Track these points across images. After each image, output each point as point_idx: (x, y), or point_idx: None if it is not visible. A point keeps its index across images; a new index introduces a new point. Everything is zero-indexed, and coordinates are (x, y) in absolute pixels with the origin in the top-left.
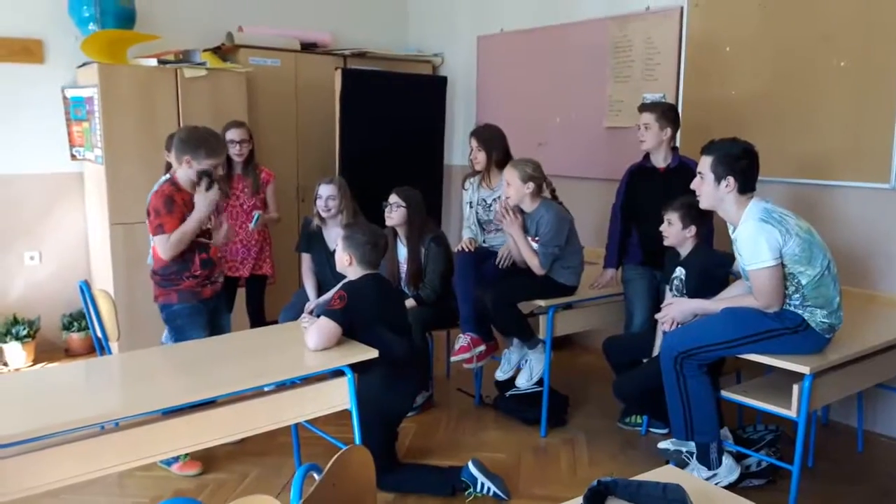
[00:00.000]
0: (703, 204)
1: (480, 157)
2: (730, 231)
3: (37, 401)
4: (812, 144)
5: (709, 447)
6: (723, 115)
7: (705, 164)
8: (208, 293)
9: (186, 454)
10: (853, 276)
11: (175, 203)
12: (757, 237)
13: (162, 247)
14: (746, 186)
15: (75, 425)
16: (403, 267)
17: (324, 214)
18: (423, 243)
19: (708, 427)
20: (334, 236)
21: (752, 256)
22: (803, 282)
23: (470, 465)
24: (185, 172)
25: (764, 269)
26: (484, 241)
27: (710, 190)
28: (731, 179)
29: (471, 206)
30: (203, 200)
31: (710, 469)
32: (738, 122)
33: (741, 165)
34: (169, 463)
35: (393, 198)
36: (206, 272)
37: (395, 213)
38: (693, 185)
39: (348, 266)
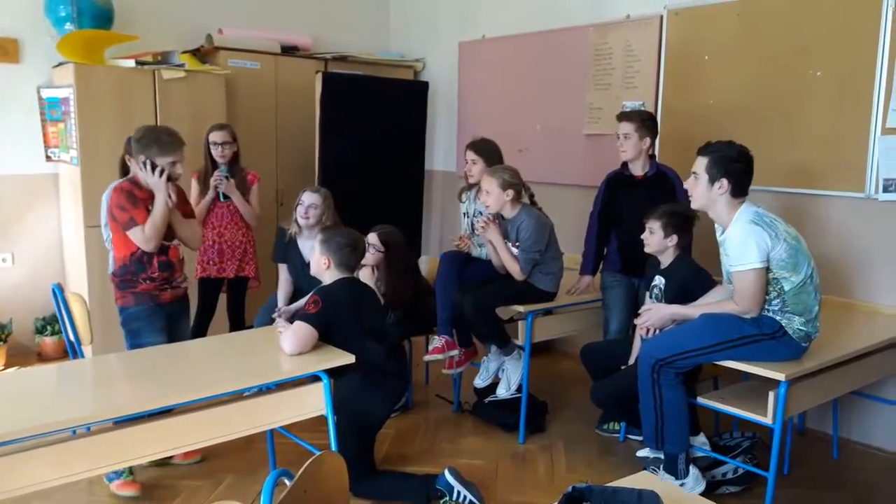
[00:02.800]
0: (695, 204)
1: (476, 170)
2: (717, 234)
3: (8, 405)
4: (789, 153)
5: (677, 457)
6: (701, 124)
7: (700, 164)
8: (167, 297)
9: (130, 472)
10: (829, 284)
11: (137, 197)
12: (746, 239)
13: (140, 239)
14: (739, 190)
15: (46, 429)
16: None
17: (301, 222)
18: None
19: (678, 437)
20: (310, 246)
21: (739, 257)
22: (786, 288)
23: (446, 473)
24: (143, 173)
25: (750, 270)
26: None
27: (703, 191)
28: (724, 181)
29: (466, 217)
30: (154, 183)
31: (677, 479)
32: (716, 131)
33: (736, 168)
34: (111, 479)
35: (372, 238)
36: (164, 275)
37: (370, 255)
38: (686, 185)
39: (325, 270)
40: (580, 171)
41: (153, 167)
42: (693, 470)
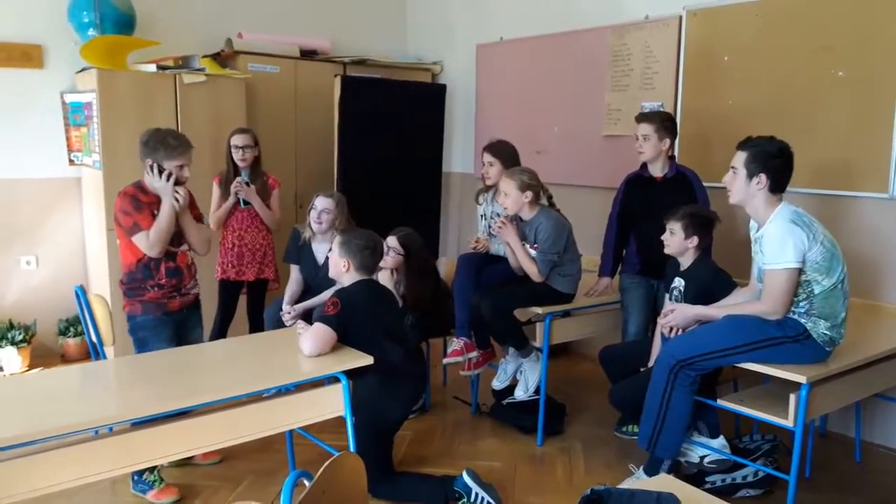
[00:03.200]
0: (733, 199)
1: (493, 172)
2: (751, 231)
3: (31, 405)
4: (810, 154)
5: (661, 463)
6: (721, 125)
7: (739, 159)
8: (176, 305)
9: (162, 480)
10: (852, 285)
11: (141, 202)
12: (785, 237)
13: (145, 244)
14: (778, 186)
15: (69, 430)
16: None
17: (314, 227)
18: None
19: (671, 444)
20: (323, 250)
21: (775, 255)
22: (816, 291)
23: (464, 474)
24: (150, 177)
25: (784, 269)
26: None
27: (742, 186)
28: (763, 177)
29: (483, 219)
30: (161, 187)
31: None
32: (736, 132)
33: (775, 164)
34: (144, 490)
35: (392, 241)
36: (173, 281)
37: (390, 258)
38: (724, 180)
39: (345, 272)
40: (599, 172)
41: (160, 171)
42: None
